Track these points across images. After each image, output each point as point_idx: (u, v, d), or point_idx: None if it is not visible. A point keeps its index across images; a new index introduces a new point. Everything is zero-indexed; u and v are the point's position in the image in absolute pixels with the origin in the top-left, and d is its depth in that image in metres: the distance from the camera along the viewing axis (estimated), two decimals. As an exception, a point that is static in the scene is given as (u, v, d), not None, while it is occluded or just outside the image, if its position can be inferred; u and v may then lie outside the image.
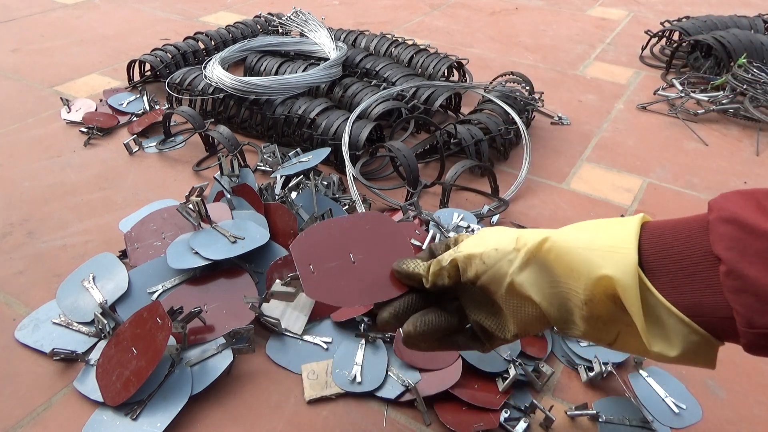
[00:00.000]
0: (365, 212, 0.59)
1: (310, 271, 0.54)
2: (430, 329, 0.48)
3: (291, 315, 0.74)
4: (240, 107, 1.17)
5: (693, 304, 0.37)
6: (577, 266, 0.41)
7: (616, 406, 0.65)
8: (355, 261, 0.55)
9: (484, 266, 0.45)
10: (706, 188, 1.06)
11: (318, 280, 0.54)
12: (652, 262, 0.39)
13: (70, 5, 1.93)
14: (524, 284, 0.44)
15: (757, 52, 1.39)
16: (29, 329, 0.73)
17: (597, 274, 0.39)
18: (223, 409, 0.65)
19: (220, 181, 0.89)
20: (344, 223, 0.58)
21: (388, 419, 0.64)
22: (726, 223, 0.36)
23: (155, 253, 0.81)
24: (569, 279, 0.42)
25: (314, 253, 0.55)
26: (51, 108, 1.28)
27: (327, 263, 0.55)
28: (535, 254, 0.43)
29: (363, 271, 0.55)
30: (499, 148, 1.10)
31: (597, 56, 1.63)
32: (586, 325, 0.42)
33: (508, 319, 0.46)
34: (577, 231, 0.43)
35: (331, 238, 0.57)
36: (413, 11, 1.95)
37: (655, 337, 0.39)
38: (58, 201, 0.99)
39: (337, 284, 0.53)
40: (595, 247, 0.40)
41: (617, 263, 0.39)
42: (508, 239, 0.46)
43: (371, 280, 0.53)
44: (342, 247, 0.56)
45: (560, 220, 0.96)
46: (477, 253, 0.46)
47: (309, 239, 0.56)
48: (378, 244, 0.57)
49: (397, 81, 1.23)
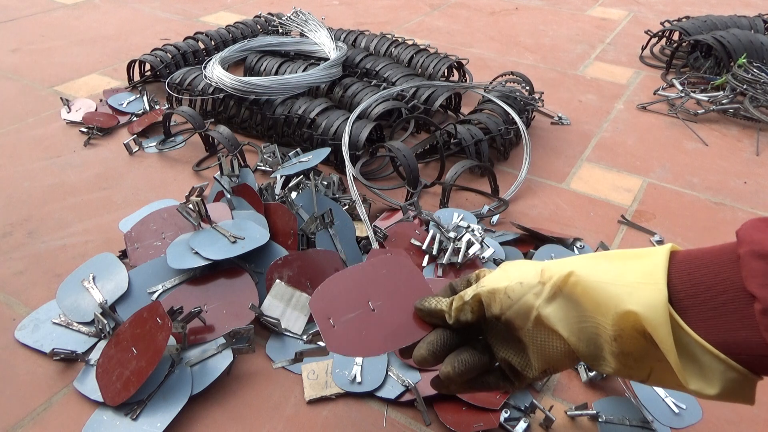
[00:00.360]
0: (380, 257, 0.60)
1: (330, 325, 0.53)
2: (467, 369, 0.47)
3: (291, 315, 0.74)
4: (240, 107, 1.17)
5: (728, 341, 0.36)
6: (604, 301, 0.40)
7: (616, 406, 0.65)
8: (374, 308, 0.55)
9: (509, 300, 0.44)
10: (706, 188, 1.06)
11: (339, 333, 0.53)
12: (683, 298, 0.38)
13: (70, 5, 1.93)
14: (551, 318, 0.42)
15: (757, 52, 1.39)
16: (29, 329, 0.73)
17: (623, 309, 0.38)
18: (223, 409, 0.65)
19: (220, 181, 0.89)
20: (360, 271, 0.58)
21: (388, 419, 0.64)
22: (759, 259, 0.35)
23: (155, 253, 0.81)
24: (597, 314, 0.40)
25: (333, 306, 0.55)
26: (51, 108, 1.28)
27: (347, 315, 0.54)
28: (561, 288, 0.42)
29: (384, 317, 0.54)
30: (499, 148, 1.10)
31: (597, 56, 1.63)
32: (616, 362, 0.41)
33: (533, 355, 0.45)
34: (604, 262, 0.42)
35: (347, 288, 0.56)
36: (413, 11, 1.95)
37: (692, 374, 0.37)
38: (58, 201, 0.99)
39: (360, 334, 0.53)
40: (622, 282, 0.39)
41: (646, 299, 0.38)
42: (532, 272, 0.45)
43: (394, 324, 0.53)
44: (360, 295, 0.56)
45: (560, 220, 0.96)
46: (501, 287, 0.45)
47: (326, 293, 0.56)
48: (396, 288, 0.56)
49: (397, 81, 1.23)
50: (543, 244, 0.86)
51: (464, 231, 0.84)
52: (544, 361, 0.45)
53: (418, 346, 0.50)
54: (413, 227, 0.86)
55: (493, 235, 0.88)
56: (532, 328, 0.44)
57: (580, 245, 0.88)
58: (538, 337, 0.44)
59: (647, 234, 0.94)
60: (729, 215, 0.99)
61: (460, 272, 0.79)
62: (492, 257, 0.81)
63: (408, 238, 0.84)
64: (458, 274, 0.79)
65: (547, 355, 0.44)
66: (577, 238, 0.89)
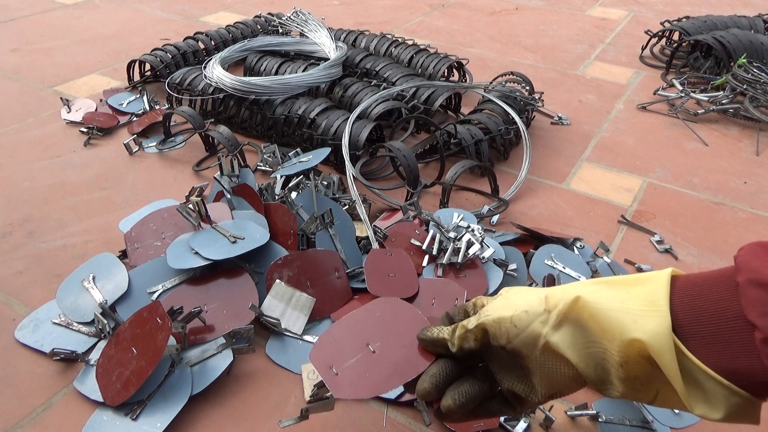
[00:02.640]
0: (374, 301, 0.61)
1: (333, 373, 0.54)
2: (468, 399, 0.48)
3: (291, 315, 0.74)
4: (240, 107, 1.17)
5: (731, 368, 0.37)
6: (610, 327, 0.40)
7: (616, 406, 0.65)
8: (374, 350, 0.56)
9: (516, 329, 0.45)
10: (706, 188, 1.06)
11: (344, 379, 0.54)
12: (685, 325, 0.39)
13: (70, 5, 1.93)
14: (560, 344, 0.43)
15: (757, 52, 1.39)
16: (29, 329, 0.73)
17: (629, 337, 0.39)
18: (223, 409, 0.65)
19: (220, 181, 0.89)
20: (354, 317, 0.59)
21: (388, 419, 0.64)
22: (757, 287, 0.36)
23: (155, 253, 0.81)
24: (603, 339, 0.41)
25: (333, 354, 0.56)
26: (51, 108, 1.28)
27: (348, 361, 0.56)
28: (567, 314, 0.43)
29: (385, 356, 0.55)
30: (499, 148, 1.10)
31: (597, 56, 1.63)
32: (623, 386, 0.42)
33: (538, 382, 0.46)
34: (607, 289, 0.42)
35: (345, 336, 0.58)
36: (413, 11, 1.95)
37: (697, 399, 0.38)
38: (58, 201, 0.99)
39: (364, 377, 0.54)
40: (626, 309, 0.40)
41: (651, 327, 0.38)
42: (536, 300, 0.45)
43: (396, 361, 0.54)
44: (358, 340, 0.57)
45: (560, 220, 0.96)
46: (507, 316, 0.45)
47: (325, 344, 0.57)
48: (393, 327, 0.58)
49: (397, 81, 1.23)
50: (543, 244, 0.86)
51: (464, 231, 0.84)
52: (550, 386, 0.45)
53: (421, 380, 0.50)
54: (413, 227, 0.86)
55: (493, 235, 0.88)
56: (539, 356, 0.44)
57: (580, 245, 0.88)
58: (546, 364, 0.45)
59: (647, 234, 0.94)
60: (729, 215, 0.99)
61: (459, 272, 0.79)
62: (492, 257, 0.81)
63: (408, 238, 0.84)
64: (458, 274, 0.79)
65: (554, 380, 0.45)
66: (577, 238, 0.89)
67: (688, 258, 0.89)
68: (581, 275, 0.82)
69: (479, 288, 0.77)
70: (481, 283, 0.78)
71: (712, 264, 0.88)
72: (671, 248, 0.90)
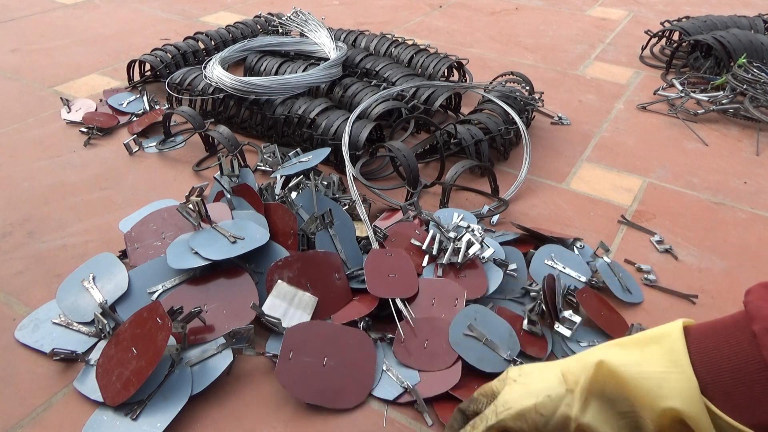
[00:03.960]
0: (354, 330, 0.70)
1: (289, 357, 0.65)
2: None
3: (294, 314, 0.73)
4: (240, 107, 1.17)
5: (763, 421, 0.37)
6: (637, 396, 0.40)
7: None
8: (326, 365, 0.66)
9: (543, 418, 0.43)
10: (706, 188, 1.06)
11: (291, 367, 0.65)
12: (709, 383, 0.39)
13: (70, 5, 1.93)
14: (593, 424, 0.42)
15: (757, 52, 1.39)
16: (29, 329, 0.73)
17: (661, 406, 0.39)
18: (223, 409, 0.65)
19: (220, 181, 0.89)
20: (334, 330, 0.69)
21: (388, 419, 0.64)
22: None
23: (155, 253, 0.81)
24: (634, 409, 0.41)
25: (300, 344, 0.67)
26: (51, 108, 1.28)
27: (304, 357, 0.66)
28: (591, 390, 0.42)
29: (330, 376, 0.65)
30: (499, 148, 1.10)
31: (597, 56, 1.63)
32: None
33: None
34: (622, 351, 0.42)
35: (318, 338, 0.68)
36: (413, 11, 1.95)
37: None
38: (58, 201, 0.99)
39: (304, 378, 0.64)
40: (649, 373, 0.40)
41: (680, 392, 0.38)
42: (555, 380, 0.44)
43: (331, 386, 0.64)
44: (322, 349, 0.67)
45: (560, 220, 0.96)
46: (530, 406, 0.44)
47: (303, 332, 0.68)
48: (350, 359, 0.67)
49: (397, 81, 1.23)
50: (543, 244, 0.86)
51: (464, 231, 0.84)
52: None
53: None
54: (413, 227, 0.86)
55: (493, 235, 0.88)
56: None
57: (580, 245, 0.88)
58: None
59: (647, 234, 0.94)
60: (729, 215, 0.99)
61: (460, 272, 0.79)
62: (492, 257, 0.81)
63: (408, 238, 0.84)
64: (458, 274, 0.79)
65: None
66: (577, 238, 0.89)
67: (688, 258, 0.89)
68: (581, 275, 0.82)
69: (479, 288, 0.77)
70: (481, 283, 0.78)
71: (712, 264, 0.88)
72: (671, 248, 0.90)
